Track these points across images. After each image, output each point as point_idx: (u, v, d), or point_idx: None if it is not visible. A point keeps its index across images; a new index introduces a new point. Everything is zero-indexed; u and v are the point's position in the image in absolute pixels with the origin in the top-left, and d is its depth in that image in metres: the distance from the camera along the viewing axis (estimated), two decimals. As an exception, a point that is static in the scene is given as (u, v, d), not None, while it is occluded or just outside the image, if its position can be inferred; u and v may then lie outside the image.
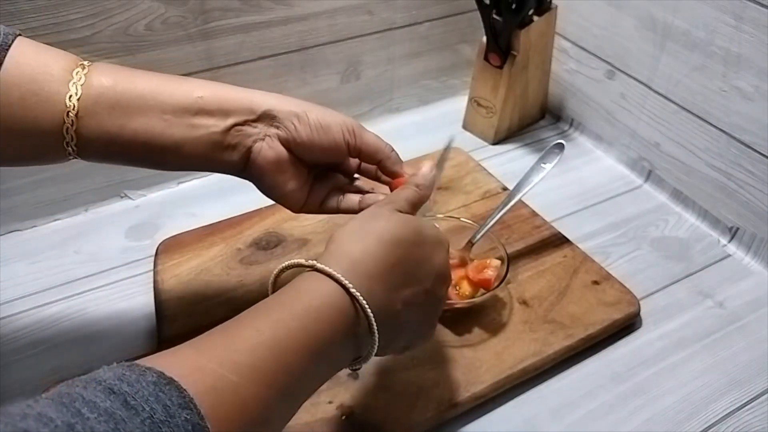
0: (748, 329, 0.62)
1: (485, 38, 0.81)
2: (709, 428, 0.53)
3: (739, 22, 0.63)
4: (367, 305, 0.38)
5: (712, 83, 0.68)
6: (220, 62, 0.72)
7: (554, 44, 0.86)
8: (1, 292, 0.62)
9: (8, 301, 0.62)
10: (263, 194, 0.49)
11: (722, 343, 0.60)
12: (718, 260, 0.70)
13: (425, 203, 0.50)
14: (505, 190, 0.76)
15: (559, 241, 0.69)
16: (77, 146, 0.42)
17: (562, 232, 0.70)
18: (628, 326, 0.61)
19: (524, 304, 0.61)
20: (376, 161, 0.48)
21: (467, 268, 0.59)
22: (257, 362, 0.34)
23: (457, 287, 0.58)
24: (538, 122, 0.91)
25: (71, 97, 0.41)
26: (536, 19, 0.80)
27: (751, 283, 0.67)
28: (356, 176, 0.52)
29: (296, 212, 0.49)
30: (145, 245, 0.68)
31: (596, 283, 0.63)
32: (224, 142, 0.45)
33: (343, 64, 0.81)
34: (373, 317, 0.38)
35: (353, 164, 0.52)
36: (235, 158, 0.46)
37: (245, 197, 0.62)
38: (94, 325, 0.60)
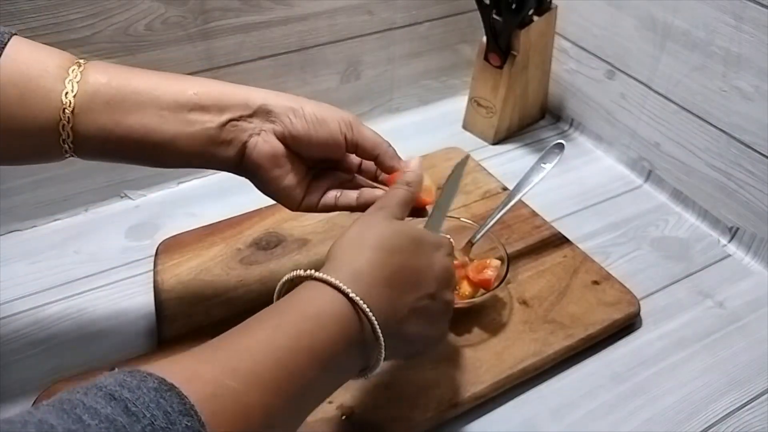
0: (748, 329, 0.62)
1: (485, 38, 0.81)
2: (709, 428, 0.53)
3: (739, 22, 0.63)
4: (369, 310, 0.38)
5: (712, 83, 0.68)
6: (220, 62, 0.72)
7: (554, 44, 0.86)
8: (1, 292, 0.62)
9: (8, 301, 0.62)
10: (260, 191, 0.49)
11: (722, 343, 0.60)
12: (718, 260, 0.70)
13: (439, 222, 0.50)
14: (505, 190, 0.76)
15: (559, 241, 0.69)
16: (74, 143, 0.42)
17: (562, 232, 0.70)
18: (628, 326, 0.61)
19: (524, 304, 0.61)
20: (373, 156, 0.48)
21: (467, 268, 0.59)
22: (257, 369, 0.34)
23: (457, 287, 0.58)
24: (538, 122, 0.91)
25: (67, 94, 0.41)
26: (536, 19, 0.80)
27: (751, 283, 0.67)
28: (356, 176, 0.52)
29: (294, 210, 0.49)
30: (145, 245, 0.68)
31: (596, 283, 0.63)
32: (220, 137, 0.45)
33: (343, 64, 0.81)
34: (376, 322, 0.38)
35: (354, 164, 0.51)
36: (230, 154, 0.46)
37: (245, 197, 0.62)
38: (94, 325, 0.60)
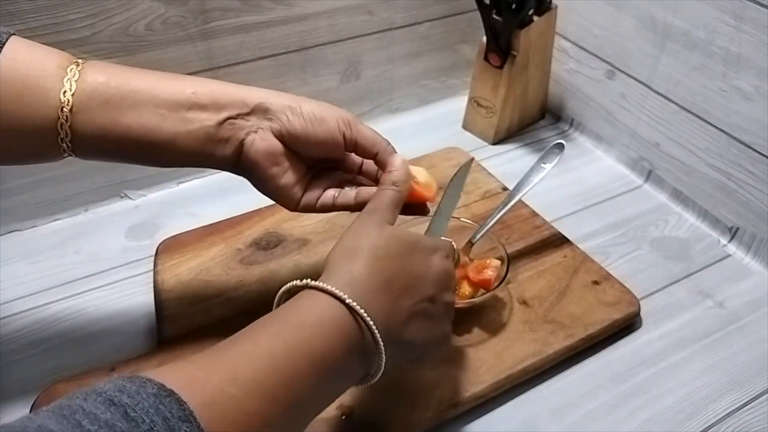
0: (748, 329, 0.62)
1: (485, 38, 0.81)
2: (709, 428, 0.53)
3: (739, 22, 0.63)
4: (366, 315, 0.38)
5: (712, 83, 0.68)
6: (220, 62, 0.72)
7: (554, 44, 0.86)
8: (1, 292, 0.62)
9: (8, 301, 0.62)
10: (258, 190, 0.49)
11: (722, 343, 0.60)
12: (718, 260, 0.70)
13: (441, 227, 0.50)
14: (505, 190, 0.76)
15: (559, 241, 0.69)
16: (72, 142, 0.42)
17: (562, 232, 0.70)
18: (628, 326, 0.61)
19: (524, 304, 0.61)
20: (372, 155, 0.48)
21: (467, 268, 0.59)
22: (257, 376, 0.34)
23: (457, 287, 0.58)
24: (538, 122, 0.91)
25: (65, 92, 0.41)
26: (536, 19, 0.80)
27: (751, 283, 0.67)
28: (357, 177, 0.52)
29: (292, 210, 0.49)
30: (145, 245, 0.68)
31: (596, 283, 0.63)
32: (217, 135, 0.45)
33: (343, 64, 0.81)
34: (375, 327, 0.38)
35: (355, 164, 0.51)
36: (228, 152, 0.45)
37: (245, 197, 0.62)
38: (94, 325, 0.60)
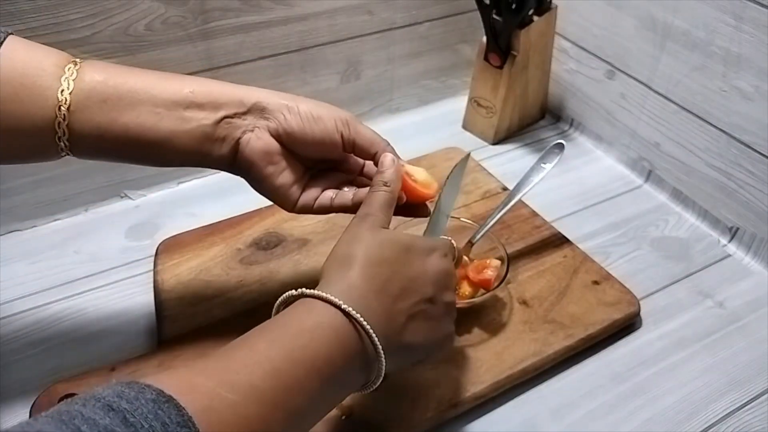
0: (748, 329, 0.62)
1: (485, 38, 0.81)
2: (709, 428, 0.53)
3: (739, 22, 0.63)
4: (363, 320, 0.38)
5: (712, 83, 0.68)
6: (220, 62, 0.72)
7: (554, 44, 0.86)
8: (1, 292, 0.62)
9: (8, 301, 0.62)
10: (255, 190, 0.48)
11: (722, 343, 0.60)
12: (718, 260, 0.70)
13: (439, 226, 0.50)
14: (505, 190, 0.76)
15: (559, 241, 0.69)
16: (69, 142, 0.42)
17: (562, 232, 0.70)
18: (628, 326, 0.61)
19: (524, 304, 0.61)
20: (371, 155, 0.47)
21: (467, 268, 0.59)
22: (255, 381, 0.34)
23: (457, 287, 0.58)
24: (538, 122, 0.91)
25: (63, 91, 0.41)
26: (536, 19, 0.80)
27: (751, 283, 0.67)
28: (358, 178, 0.51)
29: (290, 211, 0.49)
30: (145, 245, 0.68)
31: (596, 283, 0.63)
32: (214, 135, 0.45)
33: (343, 64, 0.81)
34: (372, 332, 0.38)
35: (355, 166, 0.51)
36: (224, 151, 0.45)
37: (245, 197, 0.62)
38: (94, 325, 0.60)
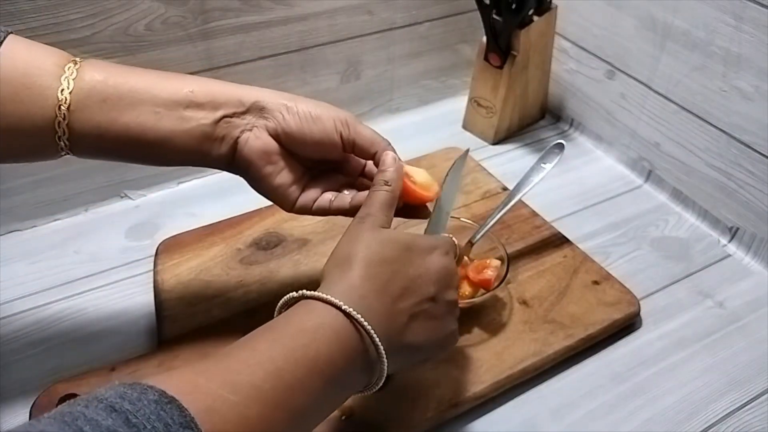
0: (748, 329, 0.62)
1: (485, 38, 0.81)
2: (709, 428, 0.53)
3: (739, 22, 0.63)
4: (364, 321, 0.38)
5: (712, 83, 0.68)
6: (220, 62, 0.72)
7: (554, 44, 0.86)
8: (1, 292, 0.62)
9: (8, 301, 0.62)
10: (254, 190, 0.48)
11: (722, 343, 0.60)
12: (718, 260, 0.70)
13: (440, 224, 0.50)
14: (505, 190, 0.76)
15: (559, 241, 0.69)
16: (69, 141, 0.42)
17: (562, 232, 0.70)
18: (628, 326, 0.61)
19: (524, 304, 0.61)
20: (371, 155, 0.47)
21: (467, 268, 0.59)
22: (256, 382, 0.34)
23: (457, 287, 0.58)
24: (538, 122, 0.91)
25: (63, 91, 0.41)
26: (536, 19, 0.80)
27: (751, 283, 0.67)
28: (360, 180, 0.51)
29: (288, 211, 0.49)
30: (145, 245, 0.68)
31: (596, 283, 0.63)
32: (213, 134, 0.45)
33: (343, 64, 0.81)
34: (374, 332, 0.38)
35: (356, 167, 0.51)
36: (223, 151, 0.46)
37: (245, 197, 0.62)
38: (94, 325, 0.60)
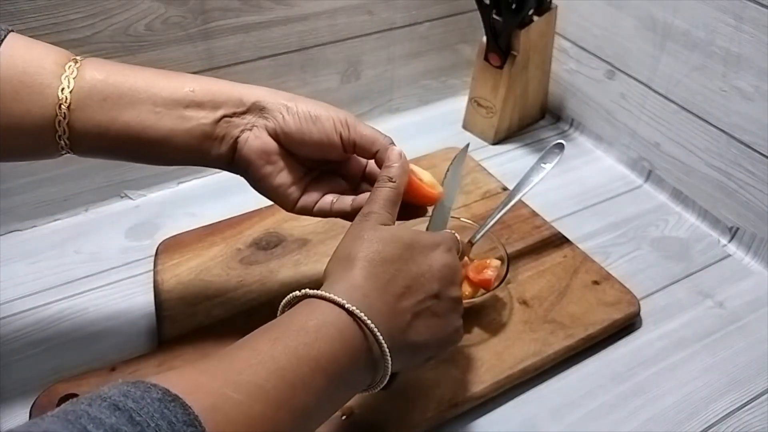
0: (748, 329, 0.62)
1: (485, 38, 0.81)
2: (709, 428, 0.53)
3: (739, 22, 0.63)
4: (367, 319, 0.38)
5: (712, 83, 0.68)
6: (220, 62, 0.72)
7: (554, 44, 0.86)
8: (1, 292, 0.62)
9: (8, 301, 0.62)
10: (253, 188, 0.48)
11: (722, 343, 0.60)
12: (718, 260, 0.70)
13: (442, 221, 0.50)
14: (505, 190, 0.76)
15: (559, 241, 0.69)
16: (69, 140, 0.42)
17: (562, 232, 0.70)
18: (628, 326, 0.61)
19: (524, 304, 0.61)
20: (372, 154, 0.47)
21: (467, 268, 0.59)
22: (259, 381, 0.34)
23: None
24: (538, 122, 0.91)
25: (63, 89, 0.41)
26: (536, 19, 0.80)
27: (751, 283, 0.67)
28: (362, 184, 0.51)
29: (289, 211, 0.49)
30: (145, 245, 0.68)
31: (596, 283, 0.63)
32: (213, 133, 0.45)
33: (343, 64, 0.81)
34: (377, 330, 0.38)
35: (357, 168, 0.50)
36: (223, 150, 0.46)
37: (245, 197, 0.62)
38: (94, 325, 0.60)
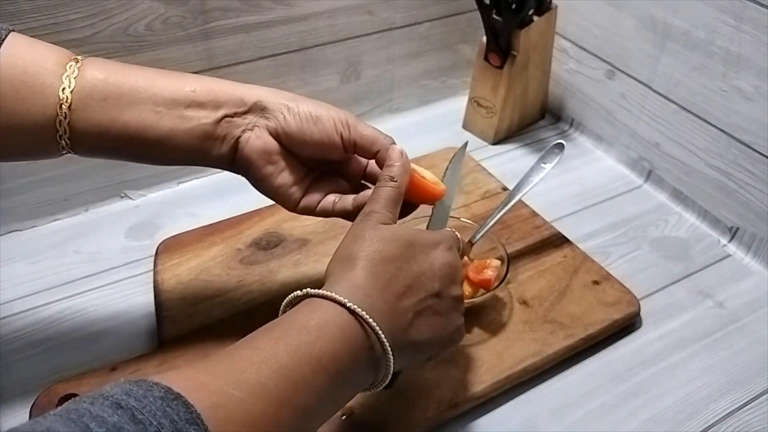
0: (748, 329, 0.62)
1: (485, 38, 0.81)
2: (709, 428, 0.53)
3: (739, 22, 0.63)
4: (369, 318, 0.38)
5: (712, 83, 0.68)
6: (220, 62, 0.72)
7: (554, 44, 0.86)
8: (1, 292, 0.62)
9: (8, 301, 0.62)
10: (255, 188, 0.48)
11: (722, 343, 0.60)
12: (718, 260, 0.70)
13: (442, 219, 0.50)
14: (505, 190, 0.76)
15: (559, 241, 0.69)
16: (70, 140, 0.42)
17: (562, 232, 0.70)
18: (628, 326, 0.61)
19: (524, 304, 0.61)
20: (373, 154, 0.47)
21: (467, 268, 0.59)
22: (261, 379, 0.34)
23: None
24: (538, 122, 0.91)
25: (64, 89, 0.41)
26: (536, 19, 0.80)
27: (751, 283, 0.67)
28: (363, 183, 0.51)
29: (291, 211, 0.49)
30: (145, 245, 0.68)
31: (596, 283, 0.63)
32: (214, 133, 0.45)
33: (343, 64, 0.81)
34: (378, 328, 0.38)
35: (359, 168, 0.50)
36: (224, 150, 0.45)
37: (245, 197, 0.62)
38: (94, 325, 0.60)
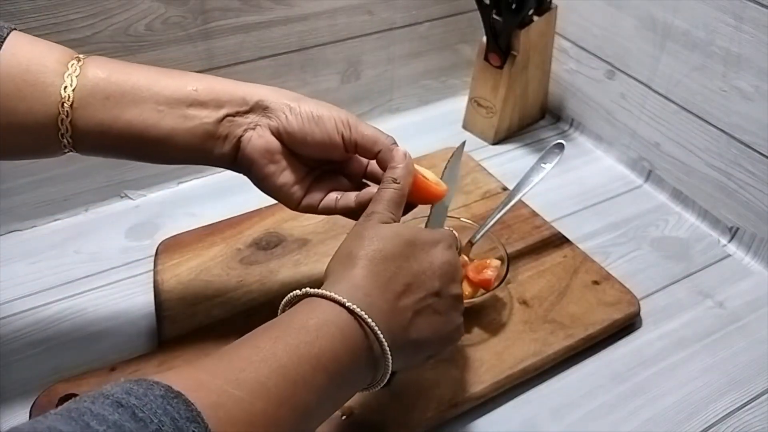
0: (748, 329, 0.62)
1: (485, 38, 0.81)
2: (709, 428, 0.53)
3: (739, 22, 0.63)
4: (368, 317, 0.38)
5: (712, 83, 0.68)
6: (220, 62, 0.72)
7: (554, 44, 0.86)
8: (1, 292, 0.62)
9: (8, 301, 0.62)
10: (257, 187, 0.48)
11: (722, 343, 0.60)
12: (718, 260, 0.70)
13: (440, 218, 0.50)
14: (505, 190, 0.76)
15: (559, 241, 0.69)
16: (72, 138, 0.42)
17: (562, 232, 0.70)
18: (628, 326, 0.61)
19: (524, 304, 0.61)
20: (374, 154, 0.47)
21: (467, 268, 0.59)
22: (261, 378, 0.34)
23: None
24: (538, 122, 0.91)
25: (66, 88, 0.41)
26: (536, 19, 0.80)
27: (751, 283, 0.67)
28: (364, 182, 0.51)
29: (294, 209, 0.49)
30: (145, 245, 0.68)
31: (596, 283, 0.63)
32: (216, 133, 0.45)
33: (343, 64, 0.81)
34: (377, 329, 0.38)
35: (360, 167, 0.51)
36: (226, 149, 0.46)
37: (245, 197, 0.62)
38: (94, 325, 0.60)
